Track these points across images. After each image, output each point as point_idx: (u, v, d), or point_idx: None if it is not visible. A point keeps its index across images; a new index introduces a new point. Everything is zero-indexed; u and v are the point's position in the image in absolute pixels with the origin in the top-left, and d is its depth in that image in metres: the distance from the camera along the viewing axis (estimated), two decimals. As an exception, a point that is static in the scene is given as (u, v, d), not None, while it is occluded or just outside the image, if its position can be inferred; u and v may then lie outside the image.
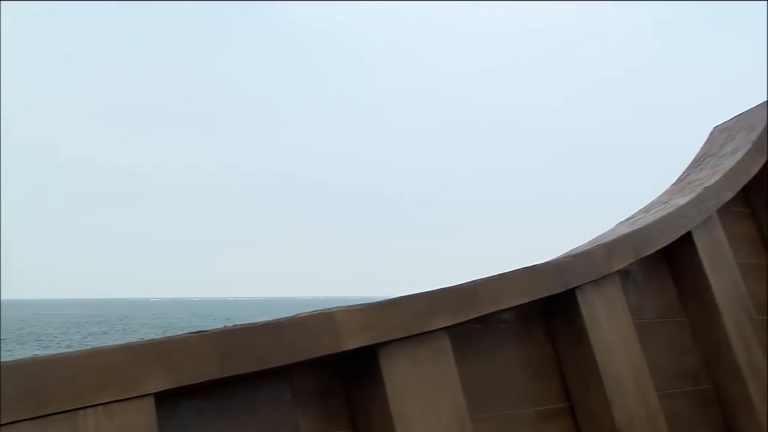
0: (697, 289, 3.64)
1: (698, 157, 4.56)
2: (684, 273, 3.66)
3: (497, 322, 2.80)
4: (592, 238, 3.51)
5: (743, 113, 4.71)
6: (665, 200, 3.95)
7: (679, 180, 4.38)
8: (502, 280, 2.68)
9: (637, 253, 3.29)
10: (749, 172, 4.17)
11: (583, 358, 2.93)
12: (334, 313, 2.15)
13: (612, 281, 3.14)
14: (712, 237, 3.79)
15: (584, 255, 3.02)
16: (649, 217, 3.59)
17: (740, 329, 3.66)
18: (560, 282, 2.87)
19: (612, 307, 3.11)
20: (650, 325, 3.42)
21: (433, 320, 2.40)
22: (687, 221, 3.62)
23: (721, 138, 4.60)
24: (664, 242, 3.46)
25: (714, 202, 3.83)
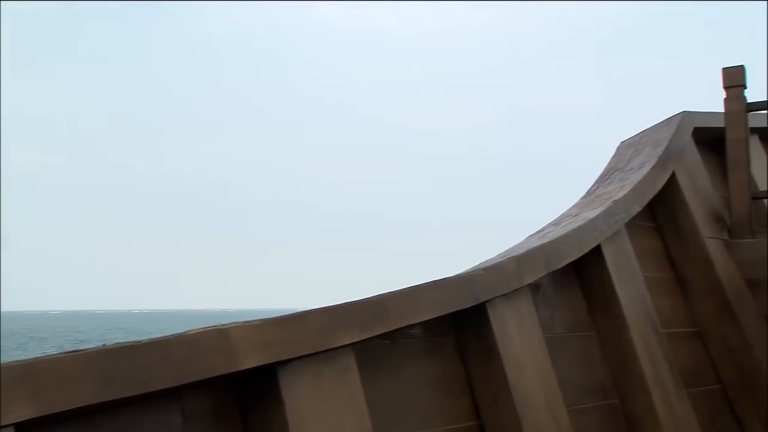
0: (606, 303, 3.59)
1: (606, 171, 4.55)
2: (593, 286, 3.60)
3: (406, 338, 2.65)
4: (502, 251, 3.42)
5: (648, 129, 4.74)
6: (575, 213, 3.91)
7: (587, 193, 4.36)
8: (411, 294, 2.54)
9: (548, 266, 3.21)
10: (655, 186, 4.17)
11: (494, 375, 2.82)
12: (230, 329, 1.96)
13: (523, 295, 3.05)
14: (621, 250, 3.76)
15: (495, 268, 2.92)
16: (560, 230, 3.52)
17: (647, 343, 3.64)
18: (471, 296, 2.76)
19: (523, 321, 3.01)
20: (560, 339, 3.35)
21: (337, 336, 2.24)
22: (597, 234, 3.57)
23: (628, 153, 4.61)
24: (575, 255, 3.40)
25: (622, 215, 3.80)
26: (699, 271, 4.24)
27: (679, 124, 4.50)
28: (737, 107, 4.51)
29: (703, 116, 4.75)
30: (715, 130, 4.80)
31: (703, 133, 4.74)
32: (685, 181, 4.34)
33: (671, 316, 4.06)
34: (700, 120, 4.70)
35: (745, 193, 4.45)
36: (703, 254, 4.24)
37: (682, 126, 4.52)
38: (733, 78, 4.53)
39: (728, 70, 4.53)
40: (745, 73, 4.53)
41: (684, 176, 4.34)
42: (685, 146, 4.48)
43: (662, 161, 4.22)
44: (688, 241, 4.26)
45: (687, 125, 4.58)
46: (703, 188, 4.49)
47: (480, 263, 3.18)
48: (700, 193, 4.42)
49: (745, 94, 4.53)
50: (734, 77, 4.53)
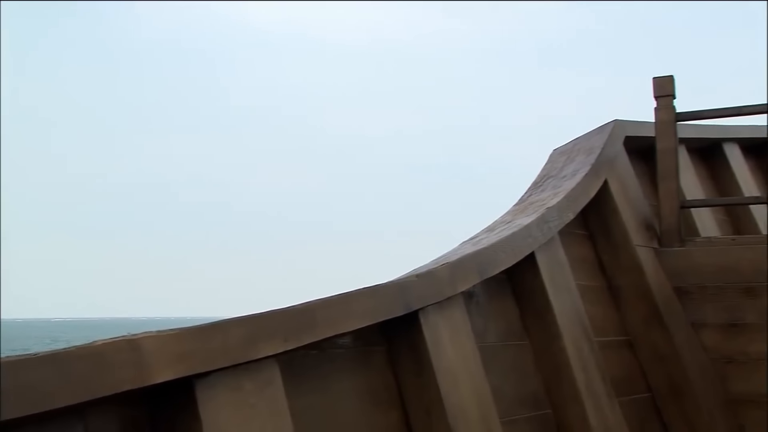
0: (539, 311, 3.51)
1: (539, 179, 4.49)
2: (526, 294, 3.52)
3: (334, 348, 2.50)
4: (435, 258, 3.31)
5: (581, 137, 4.70)
6: (508, 220, 3.82)
7: (521, 200, 4.28)
8: (341, 302, 2.39)
9: (482, 274, 3.10)
10: (588, 194, 4.12)
11: (426, 386, 2.69)
12: (141, 340, 1.78)
13: (456, 303, 2.93)
14: (554, 258, 3.69)
15: (428, 275, 2.79)
16: (493, 237, 3.43)
17: (579, 351, 3.57)
18: (403, 304, 2.63)
19: (456, 330, 2.90)
20: (493, 348, 3.25)
21: (260, 347, 2.08)
22: (531, 241, 3.48)
23: (561, 160, 4.56)
24: (509, 262, 3.31)
25: (556, 222, 3.73)
26: (629, 279, 4.20)
27: (611, 133, 4.47)
28: (667, 117, 4.51)
29: (634, 125, 4.73)
30: (645, 139, 4.79)
31: (634, 142, 4.73)
32: (617, 189, 4.30)
33: (603, 324, 4.01)
34: (631, 129, 4.69)
35: (674, 202, 4.44)
36: (634, 262, 4.20)
37: (614, 134, 4.50)
38: (663, 88, 4.52)
39: (659, 80, 4.53)
40: (674, 83, 4.53)
41: (616, 184, 4.31)
42: (617, 154, 4.45)
43: (595, 169, 4.18)
44: (619, 249, 4.22)
45: (619, 134, 4.55)
46: (634, 196, 4.46)
47: (413, 270, 3.06)
48: (631, 201, 4.40)
49: (674, 104, 4.53)
50: (664, 87, 4.52)
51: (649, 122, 4.71)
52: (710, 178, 5.64)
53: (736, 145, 5.82)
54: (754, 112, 4.56)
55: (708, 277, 4.23)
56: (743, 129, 5.92)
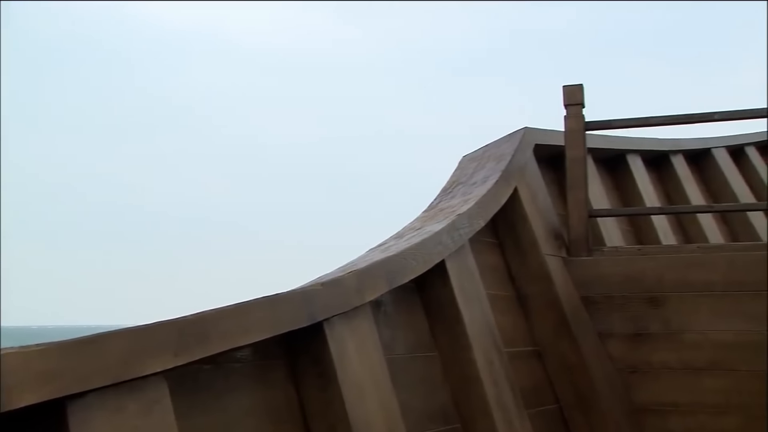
0: (449, 321, 3.36)
1: (449, 185, 4.36)
2: (436, 304, 3.36)
3: (231, 362, 2.28)
4: (342, 265, 3.12)
5: (491, 144, 4.60)
6: (418, 227, 3.67)
7: (430, 207, 4.14)
8: (239, 312, 2.17)
9: (391, 282, 2.93)
10: (499, 201, 4.01)
11: (330, 402, 2.50)
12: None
13: (364, 313, 2.75)
14: (464, 266, 3.56)
15: (334, 283, 2.60)
16: (403, 244, 3.26)
17: (489, 363, 3.44)
18: (307, 314, 2.42)
19: (363, 342, 2.71)
20: (402, 360, 3.07)
21: (146, 363, 1.84)
22: (441, 249, 3.33)
23: (471, 166, 4.45)
24: (419, 270, 3.14)
25: (467, 230, 3.60)
26: (538, 289, 4.12)
27: (522, 140, 4.39)
28: (576, 125, 4.46)
29: (543, 133, 4.67)
30: (554, 147, 4.73)
31: (543, 150, 4.66)
32: (527, 197, 4.22)
33: (512, 334, 3.90)
34: (540, 137, 4.62)
35: (582, 212, 4.39)
36: (543, 271, 4.12)
37: (524, 142, 4.42)
38: (573, 96, 4.47)
39: (569, 89, 4.47)
40: (584, 92, 4.48)
41: (525, 192, 4.22)
42: (527, 162, 4.37)
43: (505, 176, 4.08)
44: (529, 257, 4.13)
45: (529, 141, 4.47)
46: (542, 205, 4.39)
47: (318, 277, 2.86)
48: (540, 209, 4.32)
49: (583, 113, 4.49)
50: (574, 95, 4.47)
51: (557, 131, 4.65)
52: (615, 189, 5.65)
53: (638, 156, 5.87)
54: (661, 124, 4.57)
55: (614, 286, 4.19)
56: (645, 141, 5.98)
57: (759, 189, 7.09)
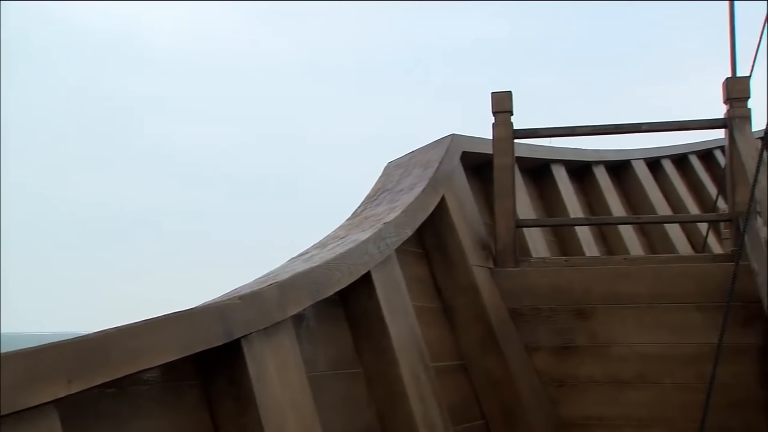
0: (374, 336, 3.18)
1: (374, 192, 4.18)
2: (361, 317, 3.17)
3: (137, 385, 2.03)
4: (260, 275, 2.89)
5: (418, 150, 4.45)
6: (342, 235, 3.47)
7: (354, 214, 3.95)
8: (147, 330, 1.93)
9: (315, 295, 2.72)
10: (426, 209, 3.85)
11: (248, 426, 2.27)
12: None
13: (285, 329, 2.53)
14: (391, 278, 3.38)
15: (254, 297, 2.38)
16: (327, 254, 3.06)
17: (416, 379, 3.27)
18: (223, 331, 2.19)
19: (284, 360, 2.49)
20: (324, 378, 2.87)
21: (36, 391, 1.59)
22: (367, 259, 3.14)
23: (397, 173, 4.28)
24: (344, 282, 2.94)
25: (394, 239, 3.42)
26: (465, 300, 3.98)
27: (449, 147, 4.25)
28: (505, 133, 4.35)
29: (470, 141, 4.55)
30: (481, 155, 4.62)
31: (470, 158, 4.54)
32: (454, 205, 4.08)
33: (439, 348, 3.74)
34: (467, 144, 4.50)
35: (510, 221, 4.28)
36: (470, 283, 3.98)
37: (452, 149, 4.28)
38: (501, 103, 4.36)
39: (497, 95, 4.36)
40: (512, 99, 4.38)
41: (453, 200, 4.08)
42: (454, 169, 4.23)
43: (433, 184, 3.92)
44: (456, 268, 3.99)
45: (456, 148, 4.34)
46: (470, 214, 4.26)
47: (235, 289, 2.63)
48: (467, 218, 4.19)
49: (512, 121, 4.38)
50: (503, 103, 4.36)
51: (485, 138, 4.54)
52: (539, 198, 5.59)
53: (562, 166, 5.83)
54: (588, 133, 4.51)
55: (542, 298, 4.09)
56: (569, 151, 5.95)
57: (674, 200, 7.19)
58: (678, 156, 7.82)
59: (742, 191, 4.04)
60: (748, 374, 3.83)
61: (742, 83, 4.11)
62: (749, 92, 4.09)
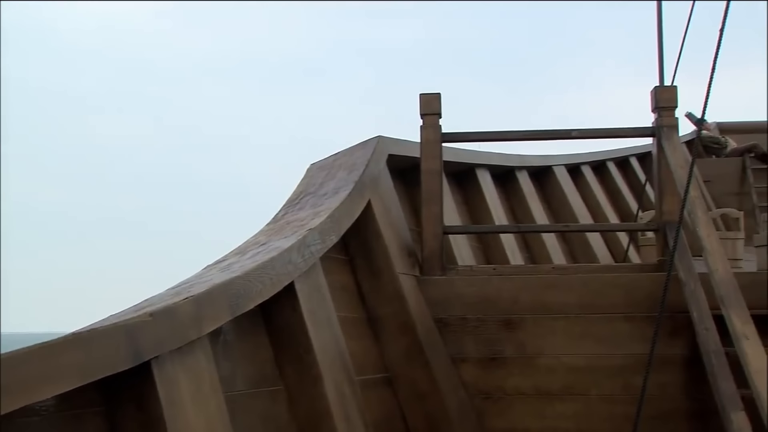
0: (297, 351, 2.96)
1: (296, 195, 3.96)
2: (283, 331, 2.95)
3: (30, 416, 1.77)
4: (172, 286, 2.64)
5: (342, 152, 4.25)
6: (262, 241, 3.24)
7: (275, 219, 3.72)
8: (41, 356, 1.67)
9: (235, 309, 2.49)
10: (352, 215, 3.66)
11: None
12: None
13: (201, 347, 2.30)
14: (315, 288, 3.17)
15: (166, 313, 2.13)
16: (247, 262, 2.83)
17: (341, 396, 3.07)
18: (131, 353, 1.95)
19: (200, 382, 2.26)
20: (243, 398, 2.64)
21: None
22: (291, 269, 2.93)
23: (320, 176, 4.07)
24: (266, 294, 2.72)
25: (318, 247, 3.21)
26: (391, 310, 3.80)
27: (375, 149, 4.07)
28: (433, 136, 4.19)
29: (397, 143, 4.38)
30: (407, 159, 4.46)
31: (395, 161, 4.37)
32: (380, 210, 3.89)
33: (363, 360, 3.55)
34: (394, 147, 4.33)
35: (437, 228, 4.12)
36: (396, 291, 3.80)
37: (378, 151, 4.10)
38: (429, 105, 4.20)
39: (426, 97, 4.20)
40: (441, 101, 4.22)
41: (379, 205, 3.90)
42: (380, 173, 4.05)
43: (359, 188, 3.73)
44: (382, 276, 3.81)
45: (382, 150, 4.16)
46: (396, 220, 4.08)
47: (145, 301, 2.38)
48: (393, 225, 4.01)
49: (440, 123, 4.23)
50: (431, 105, 4.20)
51: (412, 141, 4.38)
52: (464, 204, 5.48)
53: (487, 171, 5.74)
54: (519, 138, 4.41)
55: (469, 308, 3.94)
56: (493, 156, 5.87)
57: (593, 206, 7.22)
58: (597, 162, 7.88)
59: (669, 201, 4.00)
60: (674, 385, 3.78)
61: (670, 92, 4.07)
62: (677, 101, 4.05)
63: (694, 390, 3.75)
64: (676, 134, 4.00)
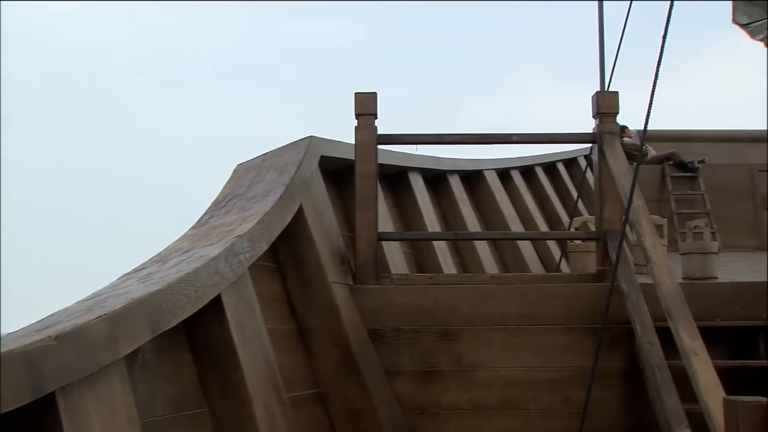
0: (224, 370, 2.68)
1: (222, 198, 3.67)
2: (209, 348, 2.67)
3: None
4: (84, 298, 2.34)
5: (272, 152, 3.98)
6: (186, 248, 2.95)
7: (199, 223, 3.43)
8: None
9: (155, 327, 2.20)
10: (283, 220, 3.40)
11: None
12: None
13: (116, 372, 2.01)
14: (244, 300, 2.90)
15: (75, 336, 1.84)
16: (169, 273, 2.54)
17: (270, 417, 2.81)
18: (31, 385, 1.65)
19: (113, 411, 1.97)
20: (163, 423, 2.35)
21: None
22: (218, 280, 2.65)
23: (248, 177, 3.79)
24: (191, 309, 2.44)
25: (248, 255, 2.94)
26: (323, 321, 3.55)
27: (308, 150, 3.82)
28: (368, 138, 3.97)
29: (330, 144, 4.13)
30: (340, 160, 4.22)
31: (328, 163, 4.13)
32: (312, 215, 3.64)
33: (293, 376, 3.30)
34: (327, 148, 4.08)
35: (372, 234, 3.90)
36: (328, 301, 3.56)
37: (310, 152, 3.85)
38: (365, 105, 3.97)
39: (361, 97, 3.97)
40: (377, 101, 4.00)
41: (311, 210, 3.65)
42: (312, 175, 3.80)
43: (290, 191, 3.47)
44: (313, 285, 3.56)
45: (315, 152, 3.91)
46: (328, 225, 3.84)
47: (48, 318, 2.07)
48: (326, 230, 3.77)
49: (376, 124, 4.01)
50: (366, 104, 3.98)
51: (346, 143, 4.15)
52: (396, 208, 5.27)
53: (419, 175, 5.55)
54: (458, 142, 4.21)
55: (405, 318, 3.73)
56: (426, 160, 5.68)
57: (522, 211, 7.12)
58: (525, 167, 7.80)
59: (610, 209, 3.88)
60: (613, 399, 3.65)
61: (611, 98, 3.95)
62: (618, 107, 3.93)
63: (633, 404, 3.64)
64: (618, 141, 3.88)
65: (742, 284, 3.87)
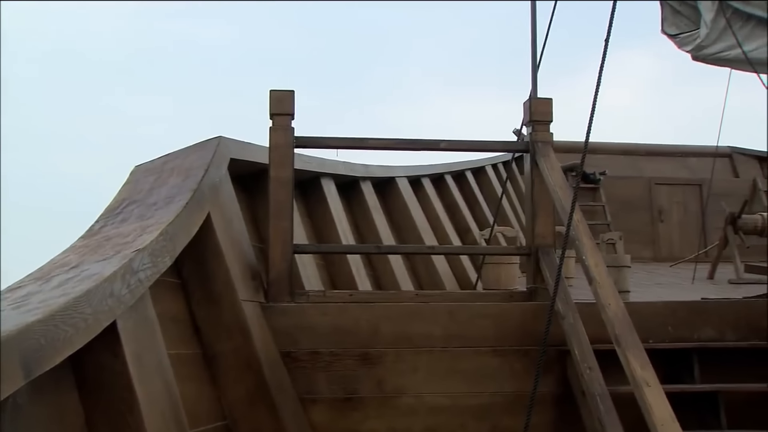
0: (118, 409, 2.24)
1: (117, 203, 3.20)
2: (100, 386, 2.22)
3: None
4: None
5: (175, 153, 3.54)
6: (73, 263, 2.48)
7: (91, 232, 2.95)
8: None
9: (32, 368, 1.75)
10: (189, 231, 2.96)
11: None
12: None
13: None
14: (143, 325, 2.45)
15: None
16: (53, 295, 2.08)
17: None
18: None
19: None
20: None
21: None
22: (113, 304, 2.20)
23: (148, 181, 3.33)
24: (79, 342, 1.99)
25: (149, 272, 2.50)
26: (231, 345, 3.13)
27: (216, 152, 3.39)
28: (284, 140, 3.57)
29: (241, 146, 3.72)
30: (251, 164, 3.81)
31: (238, 167, 3.71)
32: (221, 225, 3.22)
33: (197, 407, 2.87)
34: (237, 150, 3.66)
35: (287, 246, 3.50)
36: (238, 322, 3.15)
37: (219, 154, 3.42)
38: (281, 104, 3.58)
39: (277, 95, 3.57)
40: (294, 100, 3.61)
41: (219, 219, 3.22)
42: (221, 180, 3.38)
43: (197, 198, 3.04)
44: (221, 304, 3.13)
45: (223, 154, 3.49)
46: (238, 235, 3.42)
47: None
48: (235, 241, 3.35)
49: (293, 125, 3.62)
50: (283, 103, 3.58)
51: (259, 145, 3.75)
52: (308, 216, 4.87)
53: (332, 181, 5.17)
54: (381, 147, 3.87)
55: (322, 340, 3.36)
56: (339, 165, 5.32)
57: (433, 219, 6.86)
58: (436, 175, 7.55)
59: (543, 222, 3.62)
60: (543, 426, 3.39)
61: (545, 105, 3.70)
62: (552, 115, 3.69)
63: (565, 431, 3.38)
64: (552, 151, 3.63)
65: (674, 304, 3.69)
